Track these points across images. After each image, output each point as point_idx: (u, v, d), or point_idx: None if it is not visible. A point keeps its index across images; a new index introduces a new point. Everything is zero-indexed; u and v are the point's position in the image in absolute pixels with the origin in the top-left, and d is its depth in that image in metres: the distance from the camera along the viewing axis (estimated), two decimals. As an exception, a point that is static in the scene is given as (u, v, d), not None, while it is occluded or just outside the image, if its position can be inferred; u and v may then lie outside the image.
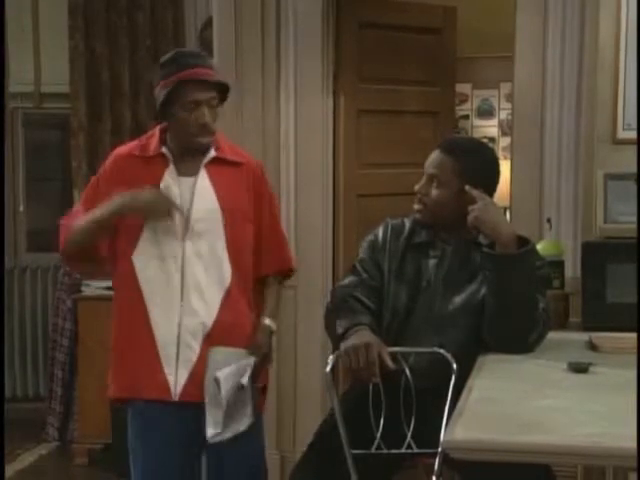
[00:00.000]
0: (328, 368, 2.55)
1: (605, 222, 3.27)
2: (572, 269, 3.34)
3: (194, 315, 2.73)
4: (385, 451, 2.52)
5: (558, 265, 3.12)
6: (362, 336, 2.54)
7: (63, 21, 5.14)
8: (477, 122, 6.48)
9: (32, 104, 5.58)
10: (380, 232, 2.81)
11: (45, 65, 5.49)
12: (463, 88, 6.14)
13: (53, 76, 5.44)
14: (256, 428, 2.87)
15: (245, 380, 2.74)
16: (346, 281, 2.80)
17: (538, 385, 2.25)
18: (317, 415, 3.75)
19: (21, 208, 5.69)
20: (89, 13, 5.11)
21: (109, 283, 4.77)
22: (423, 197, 2.72)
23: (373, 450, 2.52)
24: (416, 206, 2.75)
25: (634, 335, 2.52)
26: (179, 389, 2.73)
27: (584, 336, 2.75)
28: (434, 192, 2.70)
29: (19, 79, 5.51)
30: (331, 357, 2.58)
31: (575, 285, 3.14)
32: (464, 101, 6.37)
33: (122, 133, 5.17)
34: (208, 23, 4.69)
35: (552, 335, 2.65)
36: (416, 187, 2.74)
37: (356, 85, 4.35)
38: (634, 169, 3.13)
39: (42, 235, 5.83)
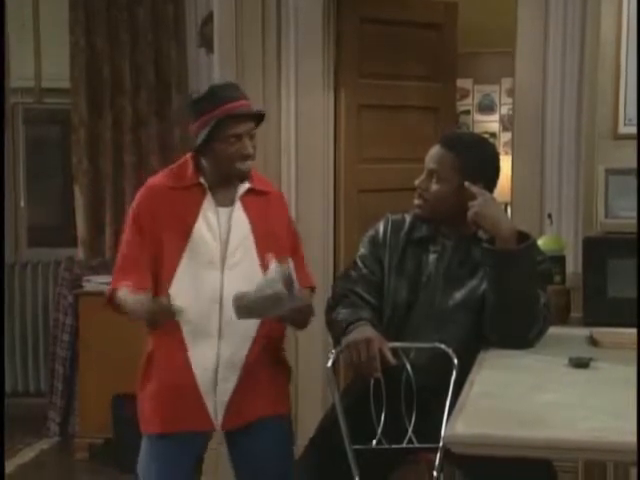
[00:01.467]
0: (329, 363, 2.56)
1: (606, 217, 3.26)
2: (573, 264, 3.35)
3: (231, 347, 2.74)
4: (386, 446, 2.53)
5: (559, 260, 3.12)
6: (363, 331, 2.54)
7: (64, 16, 5.14)
8: (478, 117, 6.49)
9: (33, 99, 5.58)
10: (381, 227, 2.81)
11: (46, 60, 5.49)
12: (464, 83, 6.14)
13: (54, 71, 5.43)
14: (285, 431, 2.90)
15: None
16: (347, 276, 2.81)
17: (539, 380, 2.25)
18: (318, 410, 3.75)
19: (22, 204, 5.70)
20: (90, 8, 5.11)
21: (111, 278, 4.81)
22: (423, 192, 2.72)
23: (374, 445, 2.52)
24: (416, 201, 2.74)
25: (635, 330, 2.52)
26: (220, 419, 2.77)
27: (585, 331, 2.75)
28: (434, 187, 2.69)
29: (20, 74, 5.50)
30: (332, 352, 2.59)
31: (576, 280, 3.14)
32: (465, 96, 6.37)
33: (123, 129, 5.17)
34: (209, 18, 4.68)
35: (553, 330, 2.65)
36: (416, 182, 2.74)
37: (357, 80, 4.35)
38: (635, 164, 3.13)
39: (43, 231, 5.84)
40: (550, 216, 3.56)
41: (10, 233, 5.54)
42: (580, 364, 2.33)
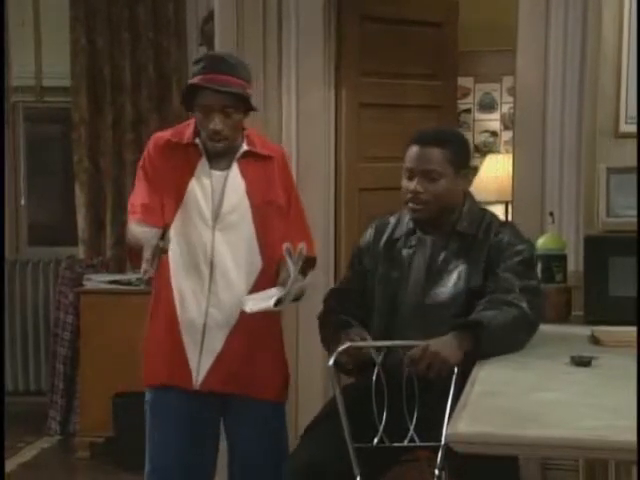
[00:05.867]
0: (330, 362, 2.56)
1: (607, 216, 3.26)
2: (574, 263, 3.34)
3: (221, 306, 2.78)
4: (387, 444, 2.52)
5: (560, 259, 3.12)
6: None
7: (64, 15, 5.14)
8: (479, 116, 6.47)
9: (33, 98, 5.58)
10: (366, 236, 2.89)
11: (46, 59, 5.50)
12: (465, 82, 6.12)
13: (54, 70, 5.44)
14: (278, 419, 2.95)
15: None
16: (337, 290, 2.94)
17: (541, 379, 2.25)
18: (319, 409, 3.75)
19: (22, 202, 5.70)
20: (90, 6, 5.12)
21: (112, 277, 4.82)
22: (420, 195, 2.70)
23: (375, 442, 2.52)
24: (413, 206, 2.72)
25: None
26: (201, 378, 2.79)
27: (586, 330, 2.75)
28: (434, 187, 2.69)
29: (20, 73, 5.51)
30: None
31: (577, 279, 3.14)
32: (466, 95, 6.35)
33: (123, 127, 5.17)
34: (209, 17, 4.68)
35: (555, 329, 2.66)
36: (410, 187, 2.71)
37: (358, 78, 4.34)
38: (636, 162, 3.13)
39: (44, 229, 5.84)
40: (551, 214, 3.55)
41: (11, 231, 5.54)
42: (582, 363, 2.32)
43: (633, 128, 3.31)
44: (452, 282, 2.68)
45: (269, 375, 2.90)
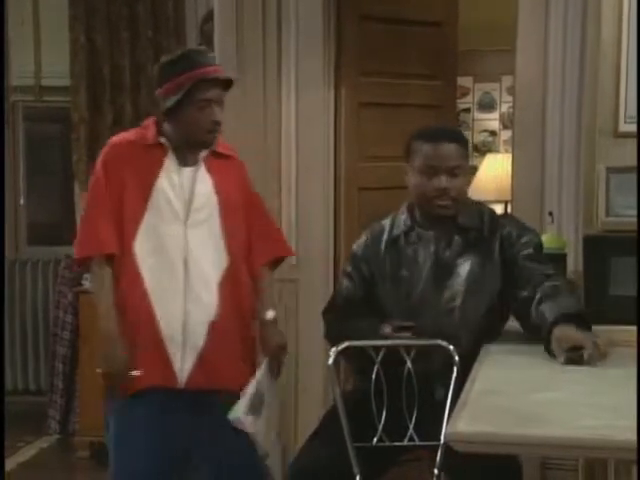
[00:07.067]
0: (330, 361, 2.56)
1: (607, 215, 3.26)
2: (574, 263, 3.34)
3: (199, 301, 2.79)
4: (387, 444, 2.53)
5: (560, 258, 3.12)
6: None
7: (63, 13, 5.13)
8: (478, 115, 6.48)
9: (32, 97, 5.58)
10: (361, 242, 2.89)
11: (45, 58, 5.49)
12: (464, 81, 6.13)
13: (53, 69, 5.43)
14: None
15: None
16: (343, 298, 2.88)
17: (541, 378, 2.25)
18: (318, 408, 3.76)
19: (22, 201, 5.70)
20: (90, 5, 5.10)
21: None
22: (450, 191, 2.73)
23: (375, 442, 2.53)
24: (444, 202, 2.73)
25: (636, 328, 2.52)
26: (185, 376, 2.77)
27: (586, 329, 2.75)
28: (458, 182, 2.74)
29: (19, 72, 5.51)
30: (333, 350, 2.59)
31: (577, 278, 3.14)
32: (465, 94, 6.36)
33: (123, 126, 5.14)
34: (209, 16, 4.68)
35: (554, 328, 2.64)
36: (438, 185, 2.72)
37: (357, 78, 4.34)
38: (636, 162, 3.13)
39: (43, 228, 5.84)
40: (551, 214, 3.56)
41: (10, 231, 5.53)
42: (573, 360, 2.31)
43: (633, 127, 3.31)
44: (464, 274, 2.70)
45: (247, 367, 2.92)
